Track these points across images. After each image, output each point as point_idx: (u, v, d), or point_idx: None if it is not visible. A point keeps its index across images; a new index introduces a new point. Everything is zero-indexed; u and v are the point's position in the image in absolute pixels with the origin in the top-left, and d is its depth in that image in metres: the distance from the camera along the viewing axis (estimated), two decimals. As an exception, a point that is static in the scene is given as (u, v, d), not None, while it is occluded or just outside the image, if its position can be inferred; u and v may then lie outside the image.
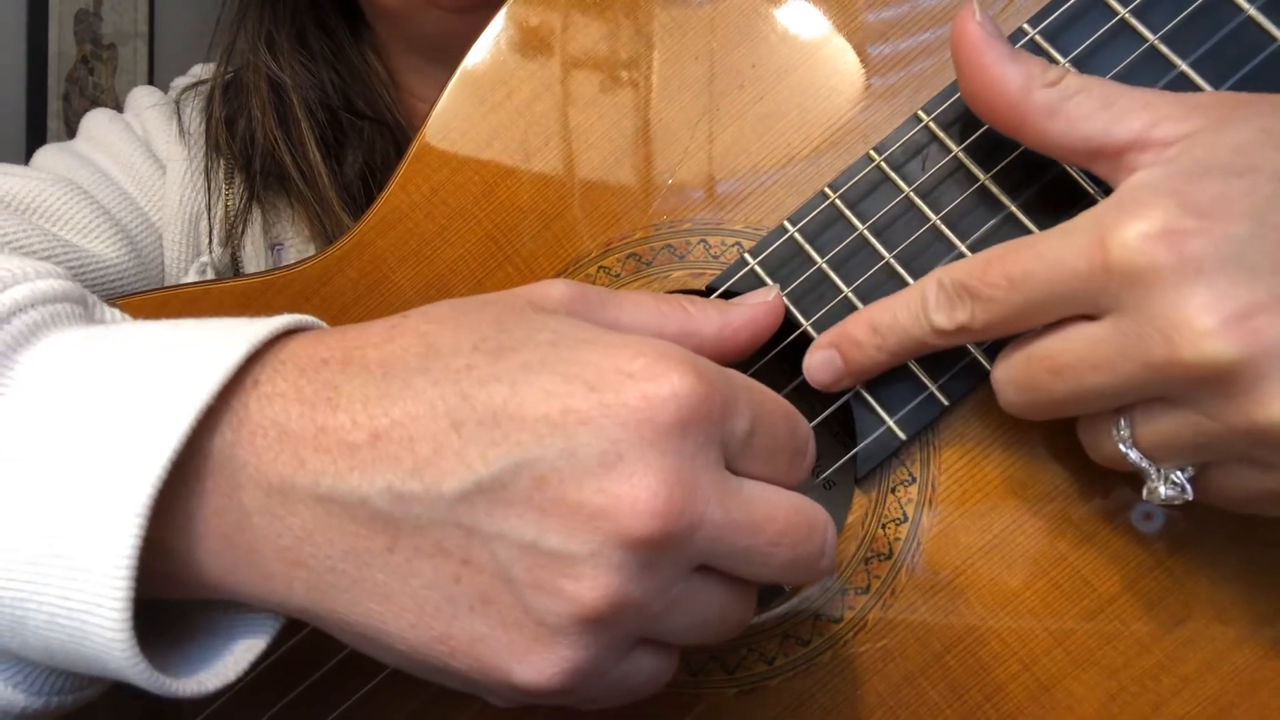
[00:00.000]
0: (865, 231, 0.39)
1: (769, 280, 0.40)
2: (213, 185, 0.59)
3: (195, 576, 0.30)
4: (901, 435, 0.38)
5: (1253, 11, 0.37)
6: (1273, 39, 0.37)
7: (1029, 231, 0.38)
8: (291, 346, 0.31)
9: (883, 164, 0.40)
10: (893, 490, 0.39)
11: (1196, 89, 0.37)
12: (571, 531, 0.27)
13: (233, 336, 0.30)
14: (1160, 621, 0.36)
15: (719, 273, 0.41)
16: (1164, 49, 0.38)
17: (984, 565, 0.38)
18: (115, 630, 0.28)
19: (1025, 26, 0.39)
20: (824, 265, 0.40)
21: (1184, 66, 0.38)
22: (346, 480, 0.28)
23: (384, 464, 0.28)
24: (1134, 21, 0.38)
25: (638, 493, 0.27)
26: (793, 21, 0.42)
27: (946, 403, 0.38)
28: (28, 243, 0.49)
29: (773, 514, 0.30)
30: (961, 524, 0.38)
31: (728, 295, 0.40)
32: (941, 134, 0.39)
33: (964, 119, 0.39)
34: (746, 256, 0.40)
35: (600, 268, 0.42)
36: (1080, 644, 0.37)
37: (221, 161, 0.60)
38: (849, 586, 0.39)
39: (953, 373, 0.38)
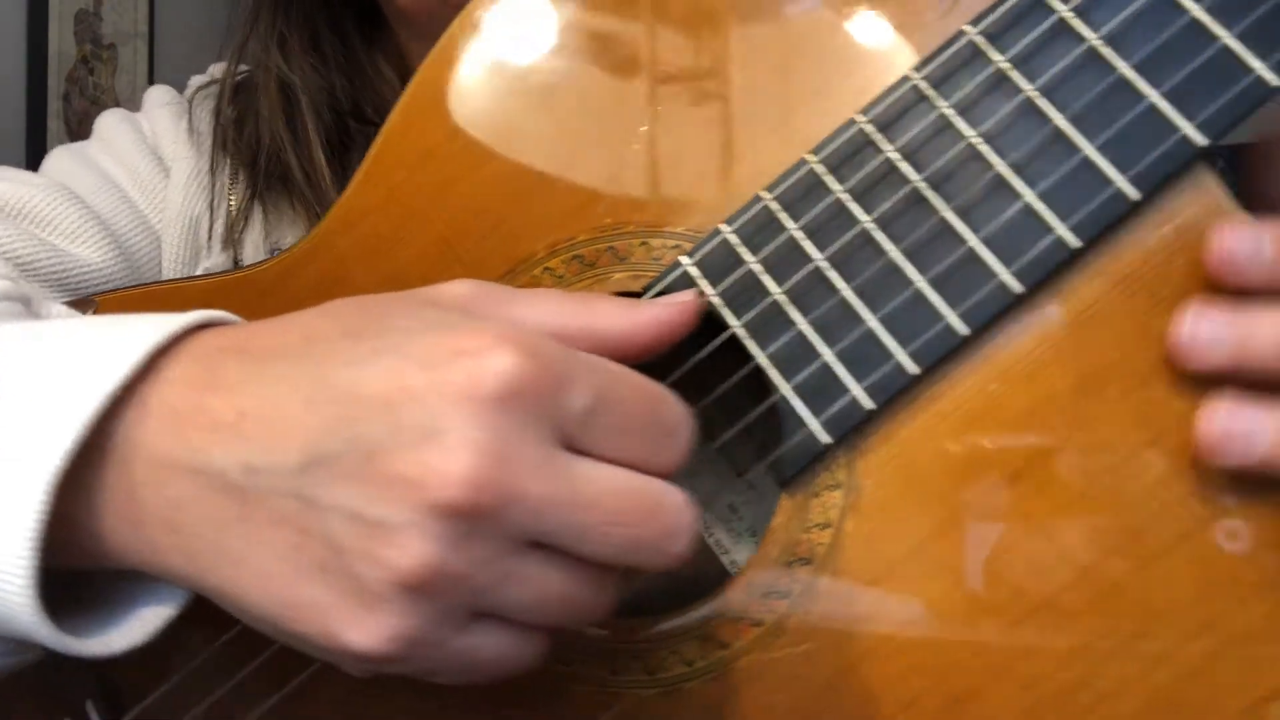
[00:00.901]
0: (796, 233, 0.39)
1: (703, 282, 0.40)
2: (218, 186, 0.61)
3: (100, 548, 0.33)
4: (825, 439, 0.38)
5: (1198, 13, 0.36)
6: (1216, 39, 0.36)
7: (962, 238, 0.37)
8: (201, 339, 0.34)
9: (816, 167, 0.40)
10: (817, 494, 0.38)
11: (1138, 93, 0.37)
12: (391, 501, 0.29)
13: (144, 333, 0.33)
14: (1080, 636, 0.35)
15: (656, 274, 0.41)
16: (1105, 50, 0.37)
17: (905, 574, 0.37)
18: (22, 594, 0.31)
19: (965, 28, 0.39)
20: (755, 266, 0.40)
21: (1125, 70, 0.37)
22: (212, 455, 0.31)
23: (244, 440, 0.31)
24: (1075, 22, 0.38)
25: (450, 464, 0.28)
26: (733, 25, 0.42)
27: (873, 406, 0.37)
28: (12, 246, 0.53)
29: (607, 492, 0.30)
30: (884, 531, 0.37)
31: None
32: (877, 137, 0.39)
33: (899, 122, 0.39)
34: (681, 259, 0.41)
35: (545, 269, 0.43)
36: (998, 656, 0.36)
37: (228, 162, 0.62)
38: (771, 591, 0.38)
39: (879, 374, 0.37)
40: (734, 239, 0.40)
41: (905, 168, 0.38)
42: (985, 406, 0.37)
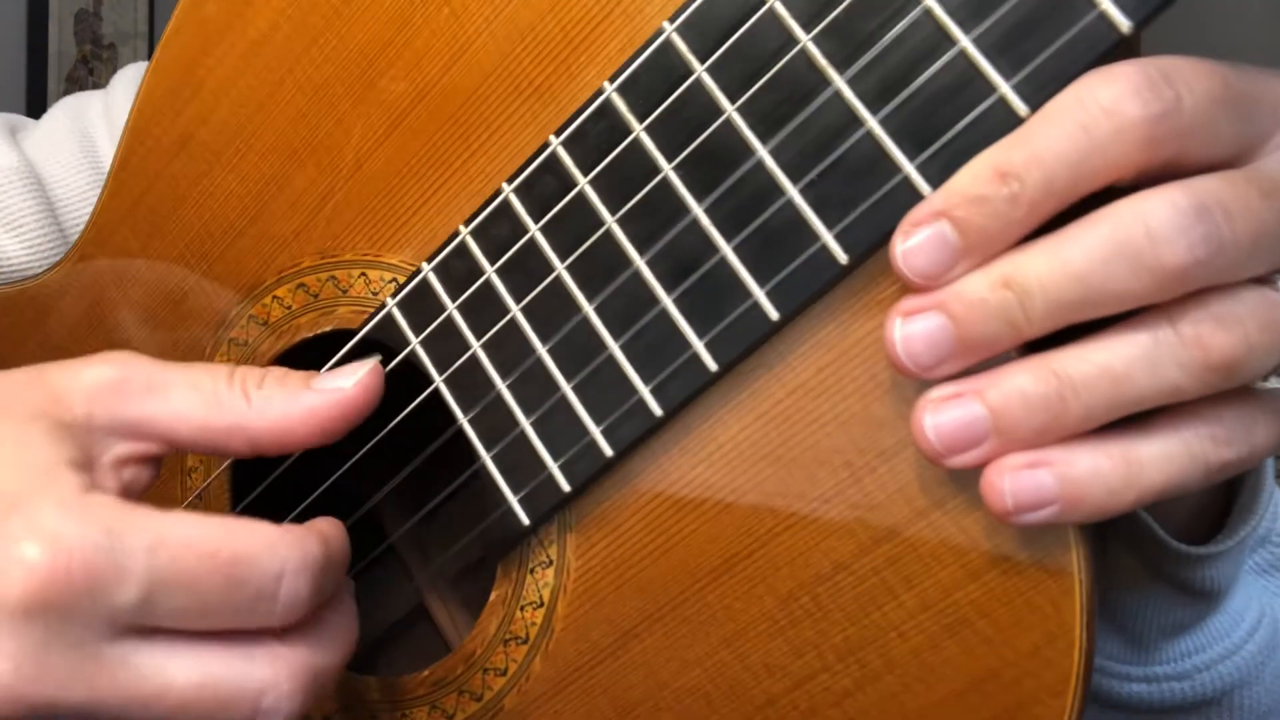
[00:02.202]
0: (494, 275, 0.34)
1: (407, 328, 0.35)
2: None
3: None
4: (525, 519, 0.34)
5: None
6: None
7: (656, 298, 0.31)
8: None
9: (512, 196, 0.33)
10: (532, 571, 0.35)
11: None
12: None
13: None
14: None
15: (370, 313, 0.37)
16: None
17: (610, 666, 0.34)
18: None
19: (664, 29, 0.31)
20: (454, 312, 0.34)
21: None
22: None
23: None
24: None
25: None
26: (436, 47, 0.35)
27: (568, 488, 0.33)
28: None
29: (172, 684, 0.28)
30: (591, 616, 0.34)
31: (373, 343, 0.36)
32: (566, 161, 0.32)
33: (592, 152, 0.32)
34: (388, 299, 0.36)
35: (274, 297, 0.39)
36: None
37: None
38: (489, 667, 0.36)
39: (575, 453, 0.33)
40: (434, 278, 0.35)
41: (593, 197, 0.32)
42: (690, 490, 0.32)
